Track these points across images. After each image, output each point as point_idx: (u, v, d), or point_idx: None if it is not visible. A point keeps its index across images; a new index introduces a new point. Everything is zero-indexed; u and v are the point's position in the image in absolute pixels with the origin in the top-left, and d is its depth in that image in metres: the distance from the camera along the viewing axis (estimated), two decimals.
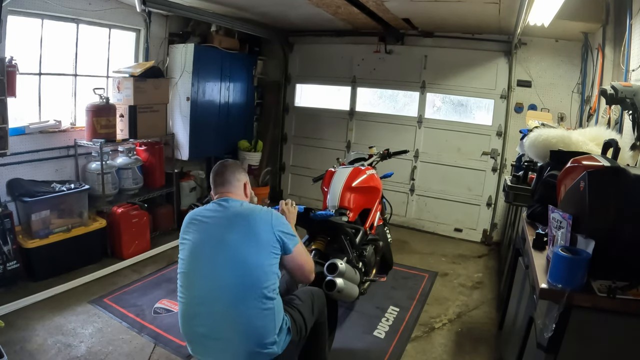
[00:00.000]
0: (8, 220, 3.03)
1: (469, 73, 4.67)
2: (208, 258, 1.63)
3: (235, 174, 1.84)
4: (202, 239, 1.66)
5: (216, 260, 1.61)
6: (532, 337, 1.69)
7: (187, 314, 1.65)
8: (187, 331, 1.66)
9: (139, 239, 3.81)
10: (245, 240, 1.61)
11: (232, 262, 1.60)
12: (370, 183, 3.04)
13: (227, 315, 1.58)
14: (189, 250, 1.68)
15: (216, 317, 1.59)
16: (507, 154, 4.58)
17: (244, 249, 1.60)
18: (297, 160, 5.72)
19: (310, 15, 4.21)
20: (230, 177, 1.83)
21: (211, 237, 1.65)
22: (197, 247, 1.66)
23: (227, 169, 1.85)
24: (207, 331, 1.60)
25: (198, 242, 1.66)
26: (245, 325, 1.58)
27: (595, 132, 2.43)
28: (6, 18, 2.96)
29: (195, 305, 1.63)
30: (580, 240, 1.50)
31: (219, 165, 1.89)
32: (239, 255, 1.60)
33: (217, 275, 1.60)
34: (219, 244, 1.62)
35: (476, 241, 4.80)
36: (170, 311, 2.93)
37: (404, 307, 3.17)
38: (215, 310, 1.59)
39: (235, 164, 1.92)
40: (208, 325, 1.60)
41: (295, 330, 1.74)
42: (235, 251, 1.60)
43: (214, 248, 1.63)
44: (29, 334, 2.55)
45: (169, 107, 4.29)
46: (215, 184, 1.85)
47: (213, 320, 1.59)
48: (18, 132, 3.25)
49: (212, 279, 1.60)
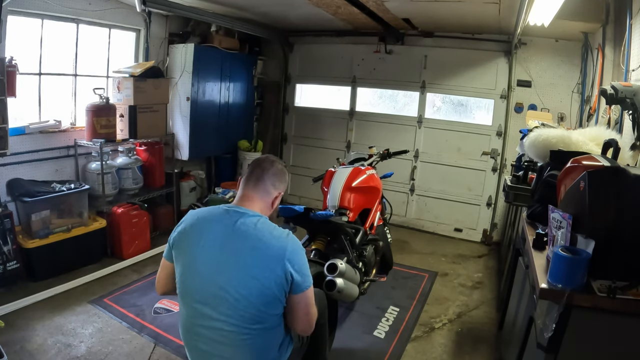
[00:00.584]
0: (8, 220, 3.03)
1: (469, 73, 4.67)
2: (210, 280, 1.45)
3: (275, 179, 1.60)
4: (204, 258, 1.47)
5: (219, 285, 1.44)
6: (532, 337, 1.68)
7: (186, 328, 1.55)
8: (188, 344, 1.58)
9: (139, 239, 3.81)
10: (254, 272, 1.43)
11: (238, 293, 1.42)
12: (370, 183, 3.04)
13: (227, 338, 1.47)
14: (185, 268, 1.51)
15: (216, 337, 1.48)
16: (507, 154, 4.58)
17: (253, 283, 1.42)
18: (297, 160, 5.72)
19: (310, 15, 4.21)
20: (268, 180, 1.58)
21: (214, 256, 1.46)
22: (198, 263, 1.48)
23: (271, 170, 1.60)
24: (208, 348, 1.51)
25: (198, 261, 1.48)
26: (248, 349, 1.49)
27: (595, 132, 2.43)
28: (6, 18, 2.96)
29: (195, 322, 1.51)
30: (580, 240, 1.50)
31: (266, 159, 1.64)
32: (247, 288, 1.42)
33: (219, 299, 1.44)
34: (224, 268, 1.44)
35: (476, 241, 4.80)
36: (170, 311, 2.93)
37: (404, 307, 3.17)
38: (215, 331, 1.47)
39: (282, 169, 1.64)
40: (208, 344, 1.51)
41: (297, 339, 1.72)
42: (243, 283, 1.43)
43: (218, 272, 1.45)
44: (29, 334, 2.55)
45: (169, 107, 4.29)
46: (249, 177, 1.60)
47: (213, 340, 1.49)
48: (18, 132, 3.24)
49: (213, 302, 1.45)
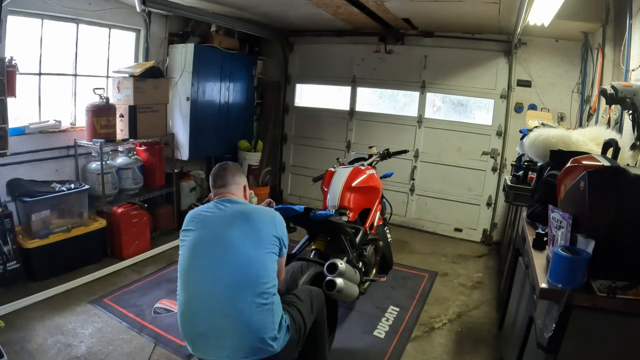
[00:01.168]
0: (8, 220, 3.03)
1: (469, 73, 4.67)
2: (208, 254, 1.65)
3: (235, 176, 1.90)
4: (202, 235, 1.70)
5: (216, 256, 1.64)
6: (532, 337, 1.68)
7: (186, 313, 1.66)
8: (187, 330, 1.66)
9: (139, 239, 3.81)
10: (247, 238, 1.65)
11: (232, 259, 1.63)
12: (370, 183, 3.04)
13: (226, 311, 1.59)
14: (189, 248, 1.70)
15: (215, 313, 1.60)
16: (507, 154, 4.58)
17: (244, 246, 1.64)
18: (297, 160, 5.72)
19: (310, 15, 4.21)
20: (229, 180, 1.88)
21: (211, 233, 1.68)
22: (197, 244, 1.69)
23: (227, 172, 1.90)
24: (207, 329, 1.61)
25: (197, 239, 1.70)
26: (244, 320, 1.59)
27: (595, 132, 2.43)
28: (6, 18, 2.96)
29: (195, 303, 1.64)
30: (580, 240, 1.50)
31: (218, 167, 1.94)
32: (240, 252, 1.63)
33: (217, 271, 1.62)
34: (219, 240, 1.66)
35: (476, 241, 4.80)
36: (170, 311, 2.93)
37: (404, 307, 3.17)
38: (214, 307, 1.60)
39: (235, 166, 1.96)
40: (208, 323, 1.61)
41: (294, 329, 1.75)
42: (235, 248, 1.64)
43: (214, 244, 1.66)
44: (29, 334, 2.55)
45: (169, 107, 4.29)
46: (215, 185, 1.89)
47: (212, 318, 1.60)
48: (18, 132, 3.25)
49: (211, 275, 1.63)
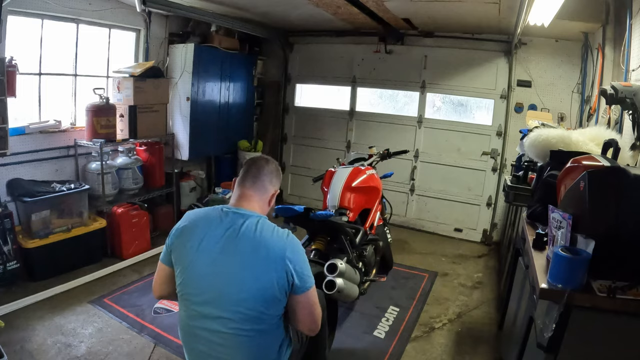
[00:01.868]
0: (8, 220, 3.03)
1: (469, 73, 4.67)
2: (211, 282, 1.46)
3: (272, 176, 1.62)
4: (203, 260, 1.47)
5: (219, 286, 1.45)
6: (532, 337, 1.69)
7: (186, 330, 1.55)
8: (187, 345, 1.58)
9: (139, 239, 3.81)
10: (258, 274, 1.43)
11: (239, 295, 1.43)
12: (370, 183, 3.04)
13: (226, 343, 1.48)
14: (189, 267, 1.50)
15: (216, 339, 1.48)
16: (507, 154, 4.58)
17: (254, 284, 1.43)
18: (297, 160, 5.72)
19: (310, 15, 4.21)
20: (264, 180, 1.60)
21: (215, 262, 1.46)
22: (198, 266, 1.48)
23: (267, 168, 1.62)
24: (207, 349, 1.51)
25: (198, 264, 1.48)
26: (246, 349, 1.50)
27: (595, 132, 2.43)
28: (6, 18, 2.96)
29: (195, 324, 1.51)
30: (580, 240, 1.50)
31: (260, 158, 1.66)
32: (248, 289, 1.43)
33: (220, 300, 1.45)
34: (224, 269, 1.45)
35: (476, 241, 4.80)
36: (170, 311, 2.93)
37: (404, 307, 3.17)
38: (214, 332, 1.48)
39: (277, 167, 1.68)
40: (208, 345, 1.51)
41: (296, 340, 1.72)
42: (243, 284, 1.43)
43: (218, 273, 1.45)
44: (29, 334, 2.55)
45: (169, 107, 4.29)
46: (245, 176, 1.60)
47: (213, 341, 1.50)
48: (18, 132, 3.25)
49: (213, 308, 1.46)
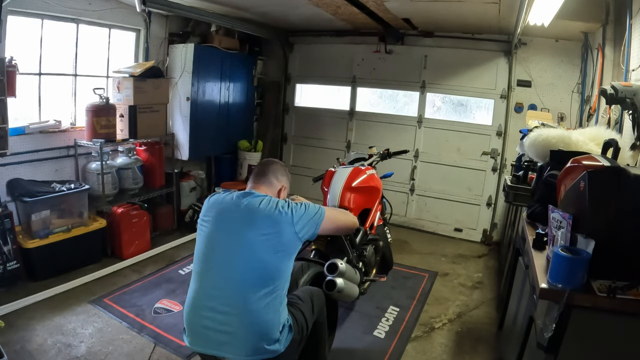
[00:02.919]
0: (8, 220, 3.03)
1: (469, 73, 4.67)
2: (224, 251, 1.65)
3: (277, 173, 1.87)
4: (217, 230, 1.68)
5: (232, 254, 1.63)
6: (532, 337, 1.69)
7: (195, 304, 1.66)
8: (192, 320, 1.66)
9: (139, 239, 3.81)
10: (264, 239, 1.63)
11: (245, 259, 1.62)
12: (370, 183, 3.04)
13: (234, 311, 1.59)
14: (204, 241, 1.70)
15: (224, 310, 1.60)
16: (507, 154, 4.58)
17: (258, 247, 1.62)
18: (297, 160, 5.71)
19: (310, 15, 4.21)
20: (270, 174, 1.86)
21: (229, 230, 1.66)
22: (214, 239, 1.68)
23: (272, 167, 1.88)
24: (213, 324, 1.60)
25: (215, 234, 1.69)
26: (252, 321, 1.59)
27: (595, 132, 2.43)
28: (6, 18, 2.96)
29: (204, 297, 1.64)
30: (580, 240, 1.50)
31: (268, 160, 1.93)
32: (254, 254, 1.62)
33: (230, 269, 1.62)
34: (237, 238, 1.64)
35: (476, 241, 4.80)
36: (171, 311, 2.93)
37: (404, 307, 3.17)
38: (223, 304, 1.60)
39: (282, 166, 1.93)
40: (214, 319, 1.60)
41: (297, 329, 1.75)
42: (249, 248, 1.62)
43: (231, 242, 1.64)
44: (29, 334, 2.55)
45: (169, 107, 4.29)
46: (254, 175, 1.88)
47: (220, 314, 1.60)
48: (18, 132, 3.24)
49: (224, 272, 1.62)
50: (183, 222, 4.56)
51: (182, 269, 3.60)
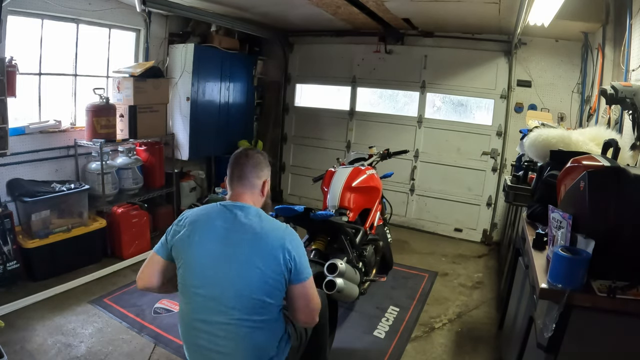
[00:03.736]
0: (8, 220, 3.03)
1: (469, 73, 4.67)
2: (212, 277, 1.50)
3: (257, 170, 1.63)
4: (205, 253, 1.51)
5: (223, 276, 1.49)
6: (532, 337, 1.69)
7: (187, 324, 1.57)
8: (187, 340, 1.59)
9: (139, 239, 3.81)
10: (257, 263, 1.48)
11: (240, 284, 1.48)
12: (370, 183, 3.04)
13: (228, 334, 1.50)
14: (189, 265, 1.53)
15: (218, 331, 1.51)
16: (507, 154, 4.58)
17: (254, 273, 1.48)
18: (297, 160, 5.71)
19: (310, 15, 4.21)
20: (250, 175, 1.62)
21: (216, 254, 1.50)
22: (199, 262, 1.51)
23: (249, 164, 1.63)
24: (208, 345, 1.52)
25: (200, 256, 1.51)
26: (247, 343, 1.52)
27: (595, 132, 2.43)
28: (6, 18, 2.96)
29: (196, 316, 1.53)
30: (580, 240, 1.50)
31: (241, 155, 1.65)
32: (248, 278, 1.48)
33: (223, 290, 1.49)
34: (228, 260, 1.49)
35: (476, 241, 4.80)
36: (170, 311, 2.93)
37: (404, 307, 3.17)
38: (216, 324, 1.50)
39: (259, 158, 1.67)
40: (209, 340, 1.52)
41: (295, 337, 1.72)
42: (244, 273, 1.48)
43: (222, 264, 1.50)
44: (29, 334, 2.55)
45: (169, 107, 4.29)
46: (231, 177, 1.63)
47: (214, 337, 1.51)
48: (18, 132, 3.25)
49: (217, 294, 1.49)
50: None
51: None
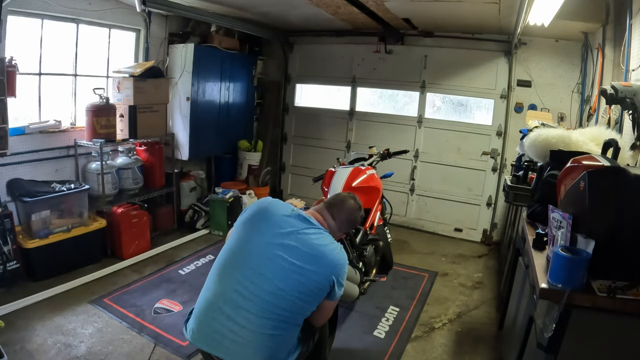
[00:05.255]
0: (8, 220, 3.03)
1: (469, 73, 4.67)
2: (256, 270, 1.56)
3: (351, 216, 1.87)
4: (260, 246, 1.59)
5: (263, 276, 1.55)
6: (532, 337, 1.69)
7: (211, 307, 1.59)
8: (203, 320, 1.59)
9: (139, 239, 3.81)
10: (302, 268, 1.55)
11: (278, 289, 1.54)
12: (370, 183, 3.04)
13: (249, 327, 1.53)
14: (240, 249, 1.62)
15: (239, 323, 1.53)
16: (507, 154, 4.58)
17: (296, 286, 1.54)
18: (297, 160, 5.71)
19: (310, 15, 4.21)
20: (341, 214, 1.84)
21: (270, 250, 1.58)
22: (250, 252, 1.59)
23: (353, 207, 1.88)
24: (226, 332, 1.54)
25: (254, 246, 1.59)
26: (263, 341, 1.54)
27: (595, 132, 2.44)
28: (6, 18, 2.96)
29: (222, 302, 1.56)
30: (580, 240, 1.50)
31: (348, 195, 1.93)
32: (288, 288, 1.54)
33: (258, 290, 1.54)
34: (273, 262, 1.55)
35: (476, 241, 4.80)
36: (171, 311, 2.93)
37: (404, 307, 3.17)
38: (239, 317, 1.54)
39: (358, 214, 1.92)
40: (228, 328, 1.54)
41: (304, 343, 1.73)
42: (286, 281, 1.54)
43: (267, 264, 1.56)
44: (29, 334, 2.55)
45: (169, 107, 4.29)
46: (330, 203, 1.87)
47: (234, 325, 1.54)
48: (18, 132, 3.25)
49: (250, 291, 1.54)
50: (183, 222, 4.56)
51: (182, 269, 3.61)
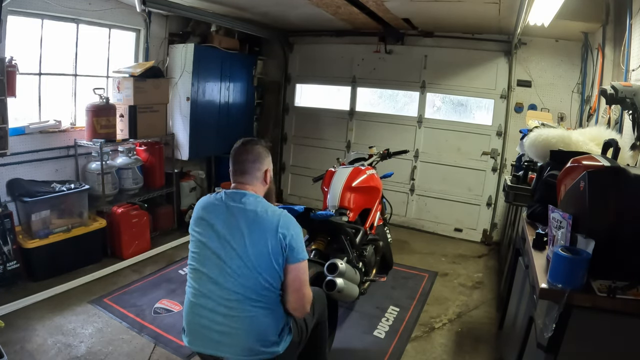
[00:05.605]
0: (8, 220, 3.03)
1: (469, 73, 4.67)
2: (217, 257, 1.61)
3: (256, 163, 1.72)
4: (212, 236, 1.64)
5: (225, 260, 1.60)
6: (532, 337, 1.69)
7: (192, 303, 1.65)
8: (191, 320, 1.65)
9: (139, 239, 3.81)
10: (255, 243, 1.59)
11: (240, 263, 1.58)
12: (370, 183, 3.04)
13: (231, 313, 1.58)
14: (198, 247, 1.66)
15: (221, 312, 1.59)
16: (507, 154, 4.58)
17: (251, 252, 1.58)
18: (297, 160, 5.71)
19: (310, 15, 4.21)
20: (250, 168, 1.72)
21: (220, 236, 1.62)
22: (207, 245, 1.64)
23: (249, 159, 1.72)
24: (211, 324, 1.60)
25: (207, 239, 1.64)
26: (249, 324, 1.59)
27: (595, 132, 2.43)
28: (6, 18, 2.96)
29: (202, 298, 1.62)
30: (580, 240, 1.50)
31: (241, 147, 1.75)
32: (246, 258, 1.58)
33: (226, 275, 1.59)
34: (228, 244, 1.61)
35: (476, 241, 4.80)
36: (170, 311, 2.93)
37: (404, 307, 3.17)
38: (220, 307, 1.59)
39: (258, 149, 1.75)
40: (212, 320, 1.60)
41: (296, 331, 1.75)
42: (244, 253, 1.59)
43: (223, 248, 1.61)
44: (29, 334, 2.55)
45: (169, 107, 4.29)
46: (233, 168, 1.75)
47: (218, 316, 1.59)
48: (18, 132, 3.25)
49: (220, 278, 1.60)
50: (183, 222, 4.56)
51: (182, 268, 3.60)
